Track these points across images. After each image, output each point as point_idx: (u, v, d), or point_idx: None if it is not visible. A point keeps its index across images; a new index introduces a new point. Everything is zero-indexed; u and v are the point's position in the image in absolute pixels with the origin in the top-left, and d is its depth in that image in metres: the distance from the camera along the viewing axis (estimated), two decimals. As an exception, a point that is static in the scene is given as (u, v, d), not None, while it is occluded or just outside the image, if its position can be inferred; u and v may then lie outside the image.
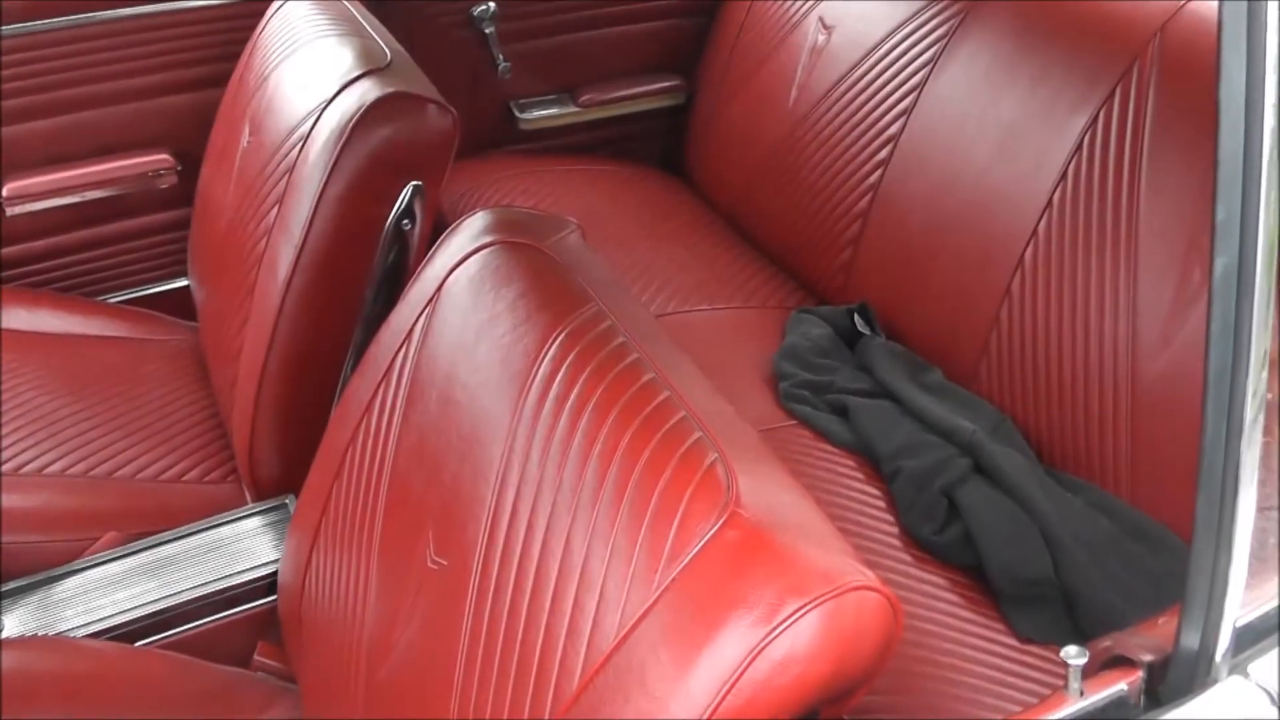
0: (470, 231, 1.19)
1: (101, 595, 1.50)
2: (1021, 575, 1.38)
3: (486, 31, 2.28)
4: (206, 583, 1.51)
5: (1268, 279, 0.70)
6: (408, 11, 2.20)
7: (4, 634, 1.45)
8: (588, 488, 0.92)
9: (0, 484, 1.61)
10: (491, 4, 2.26)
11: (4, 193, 2.00)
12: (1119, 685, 0.83)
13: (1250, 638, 0.83)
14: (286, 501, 1.59)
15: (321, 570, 1.26)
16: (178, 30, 2.07)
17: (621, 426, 0.93)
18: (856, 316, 1.83)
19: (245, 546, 1.56)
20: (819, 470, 1.59)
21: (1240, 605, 0.80)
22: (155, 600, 1.49)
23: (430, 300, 1.17)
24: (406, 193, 1.49)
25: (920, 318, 1.79)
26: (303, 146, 1.53)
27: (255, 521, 1.60)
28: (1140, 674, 0.82)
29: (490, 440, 1.02)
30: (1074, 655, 0.79)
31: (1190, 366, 1.42)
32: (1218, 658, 0.80)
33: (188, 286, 2.00)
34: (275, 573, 1.43)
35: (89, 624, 1.46)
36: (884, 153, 1.89)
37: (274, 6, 1.85)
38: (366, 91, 1.48)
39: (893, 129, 1.88)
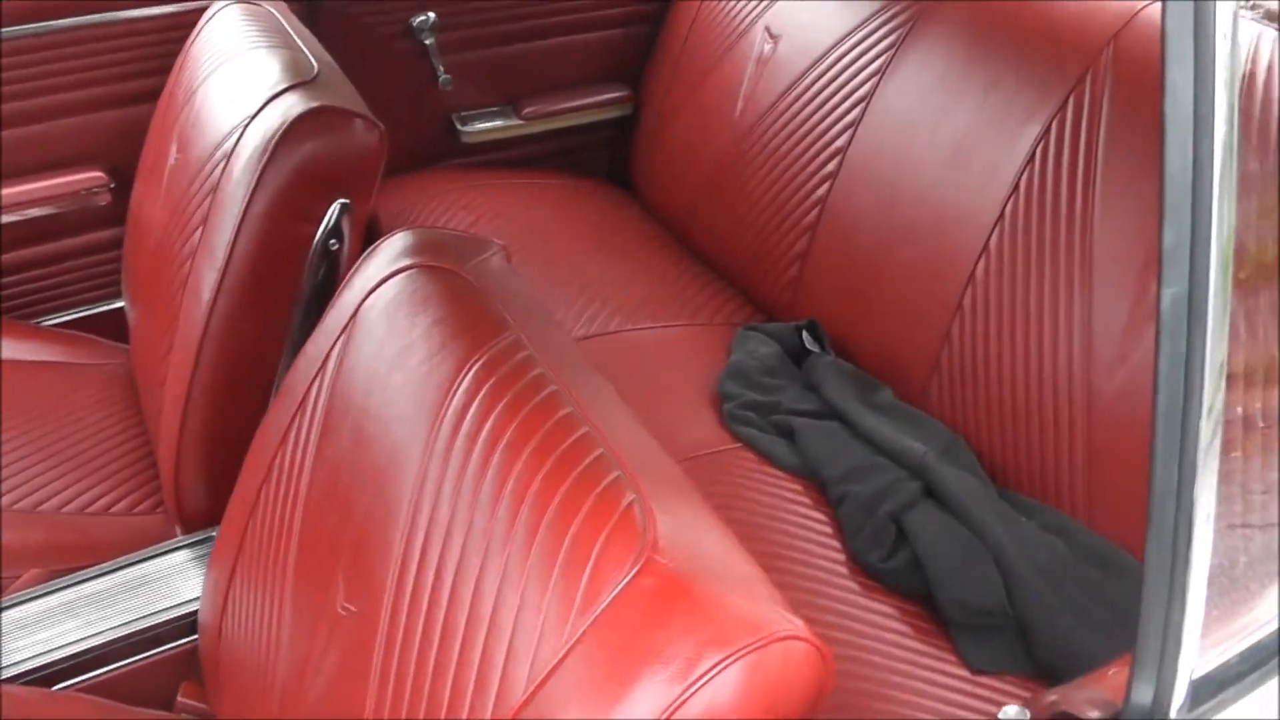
0: (388, 254, 1.13)
1: (21, 637, 1.43)
2: (973, 604, 1.33)
3: (426, 42, 2.22)
4: (129, 621, 1.44)
5: (1221, 310, 0.64)
6: (346, 22, 2.14)
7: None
8: (499, 530, 0.86)
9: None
10: (431, 14, 2.19)
11: (-70, 214, 1.94)
12: (1065, 746, 0.77)
13: (1209, 689, 0.77)
14: (214, 534, 1.52)
15: (237, 611, 1.20)
16: (111, 43, 2.00)
17: (535, 464, 0.87)
18: (805, 333, 1.77)
19: (170, 582, 1.50)
20: (763, 495, 1.53)
21: (1197, 654, 0.74)
22: (76, 641, 1.42)
23: (345, 327, 1.11)
24: (333, 211, 1.43)
25: (870, 334, 1.74)
26: (226, 164, 1.47)
27: (182, 555, 1.53)
28: (1088, 732, 0.77)
29: (401, 478, 0.96)
30: (1013, 715, 0.73)
31: (1148, 385, 1.37)
32: (1172, 713, 0.74)
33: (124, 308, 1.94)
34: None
35: (7, 668, 1.39)
36: (832, 165, 1.84)
37: (204, 18, 1.78)
38: (291, 106, 1.42)
39: (840, 140, 1.83)
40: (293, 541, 1.09)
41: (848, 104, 1.83)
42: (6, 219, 2.00)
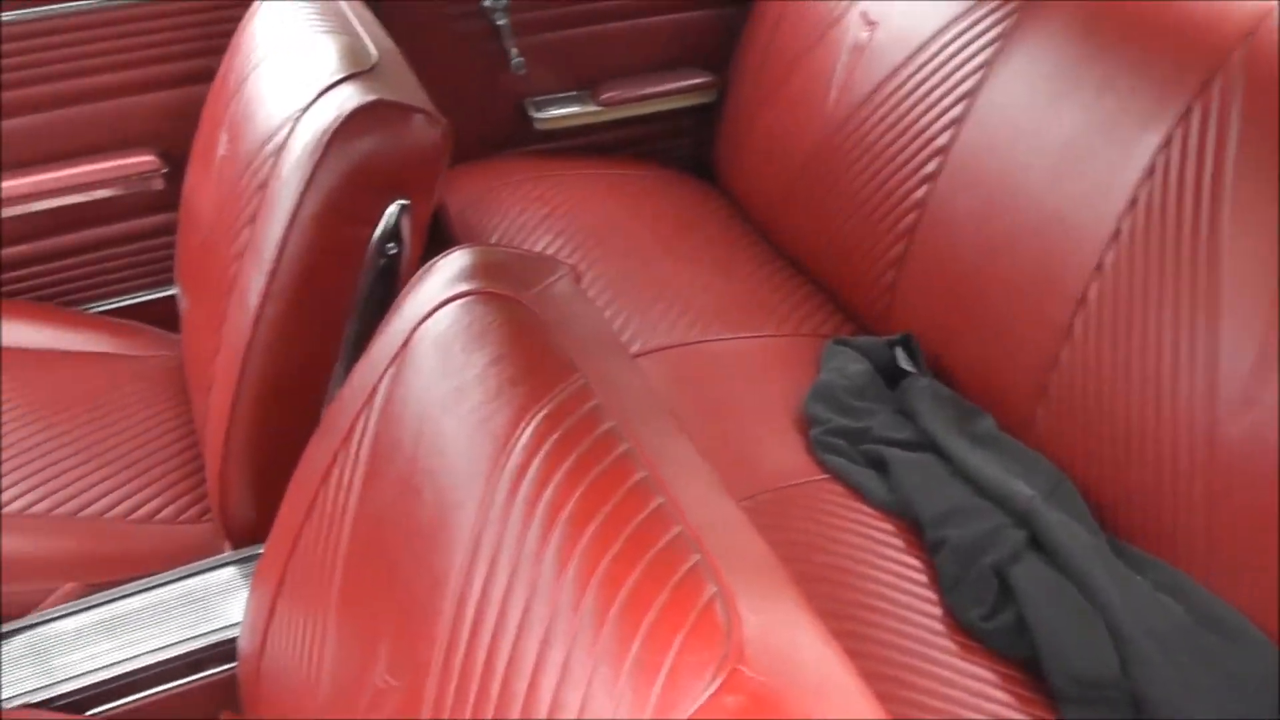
0: (444, 276, 1.02)
1: (52, 657, 1.36)
2: (1085, 675, 1.20)
3: (499, 23, 2.10)
4: (169, 645, 1.36)
5: None
6: (412, 3, 2.04)
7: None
8: (561, 618, 0.75)
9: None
10: (503, -8, 2.09)
11: (-25, 197, 1.87)
12: None
13: None
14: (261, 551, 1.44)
15: (277, 649, 1.10)
16: (164, 21, 1.92)
17: (603, 543, 0.76)
18: (899, 350, 1.65)
19: (215, 603, 1.41)
20: (852, 536, 1.41)
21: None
22: (111, 665, 1.34)
23: (394, 358, 1.00)
24: (391, 212, 1.33)
25: (969, 352, 1.60)
26: (276, 159, 1.37)
27: (229, 572, 1.44)
28: None
29: (450, 542, 0.85)
30: None
31: (1277, 432, 1.23)
32: None
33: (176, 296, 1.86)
34: (241, 635, 1.28)
35: (35, 690, 1.31)
36: (931, 165, 1.70)
37: None
38: (346, 99, 1.31)
39: (941, 139, 1.69)
40: (332, 594, 0.99)
41: (950, 99, 1.70)
42: (56, 203, 1.93)
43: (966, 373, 1.61)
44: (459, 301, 0.98)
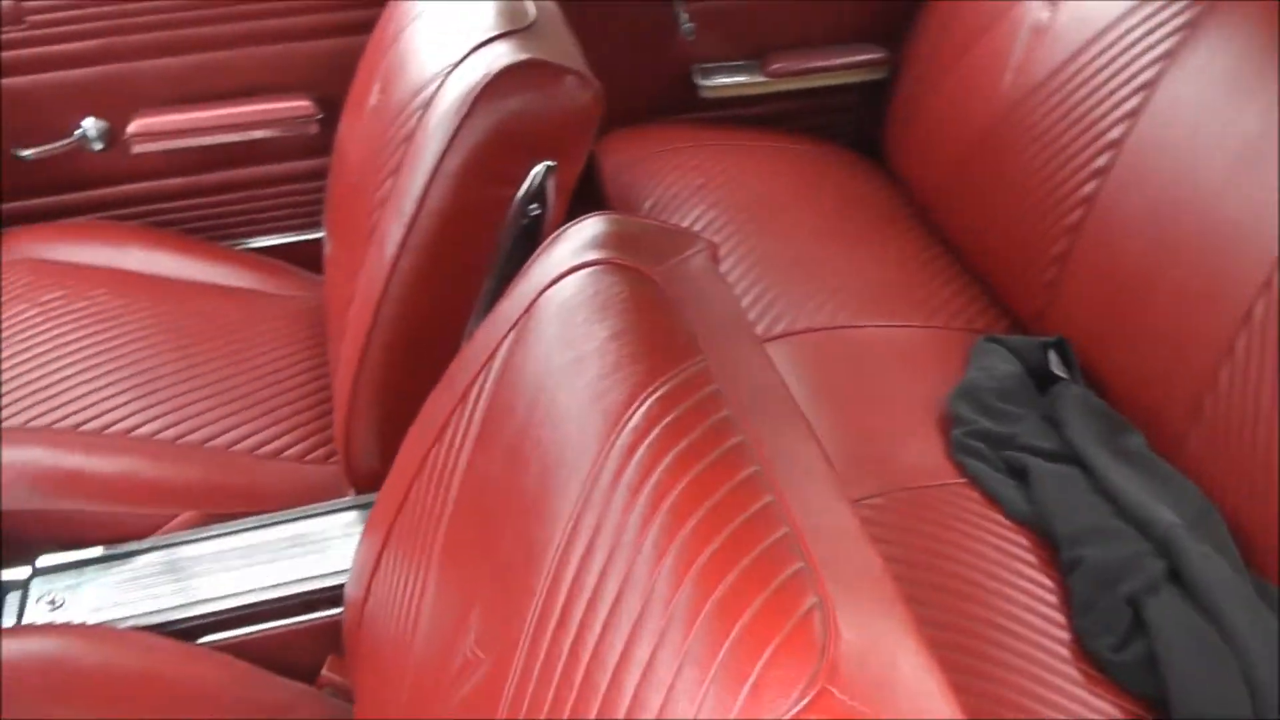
0: (574, 243, 0.99)
1: (167, 583, 1.38)
2: (1217, 725, 1.13)
3: (670, -14, 2.07)
4: (284, 582, 1.38)
5: None
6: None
7: (62, 613, 1.35)
8: (652, 613, 0.71)
9: (80, 444, 1.52)
10: (677, -42, 2.05)
11: (129, 129, 1.90)
12: None
13: None
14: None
15: (379, 599, 1.10)
16: (328, -30, 1.93)
17: (703, 537, 0.72)
18: (1052, 353, 1.57)
19: (333, 545, 1.42)
20: (985, 547, 1.34)
21: None
22: (225, 596, 1.36)
23: (517, 321, 0.98)
24: (536, 173, 1.31)
25: (1126, 362, 1.52)
26: (424, 113, 1.35)
27: (351, 517, 1.46)
28: None
29: (551, 517, 0.83)
30: None
31: None
32: None
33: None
34: (354, 581, 1.28)
35: (147, 614, 1.34)
36: (1103, 159, 1.61)
37: None
38: (497, 57, 1.29)
39: (1115, 132, 1.60)
40: (435, 551, 0.98)
41: (1127, 89, 1.60)
42: (214, 140, 1.97)
43: (1120, 383, 1.53)
44: (586, 270, 0.95)
